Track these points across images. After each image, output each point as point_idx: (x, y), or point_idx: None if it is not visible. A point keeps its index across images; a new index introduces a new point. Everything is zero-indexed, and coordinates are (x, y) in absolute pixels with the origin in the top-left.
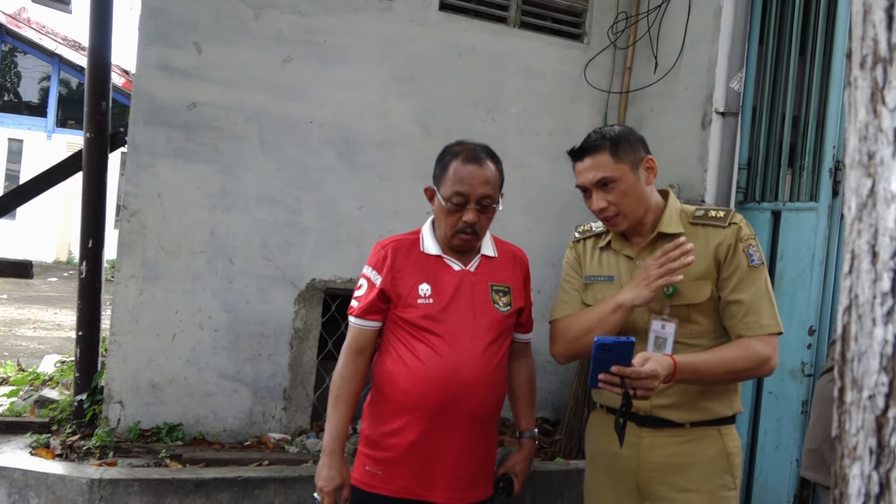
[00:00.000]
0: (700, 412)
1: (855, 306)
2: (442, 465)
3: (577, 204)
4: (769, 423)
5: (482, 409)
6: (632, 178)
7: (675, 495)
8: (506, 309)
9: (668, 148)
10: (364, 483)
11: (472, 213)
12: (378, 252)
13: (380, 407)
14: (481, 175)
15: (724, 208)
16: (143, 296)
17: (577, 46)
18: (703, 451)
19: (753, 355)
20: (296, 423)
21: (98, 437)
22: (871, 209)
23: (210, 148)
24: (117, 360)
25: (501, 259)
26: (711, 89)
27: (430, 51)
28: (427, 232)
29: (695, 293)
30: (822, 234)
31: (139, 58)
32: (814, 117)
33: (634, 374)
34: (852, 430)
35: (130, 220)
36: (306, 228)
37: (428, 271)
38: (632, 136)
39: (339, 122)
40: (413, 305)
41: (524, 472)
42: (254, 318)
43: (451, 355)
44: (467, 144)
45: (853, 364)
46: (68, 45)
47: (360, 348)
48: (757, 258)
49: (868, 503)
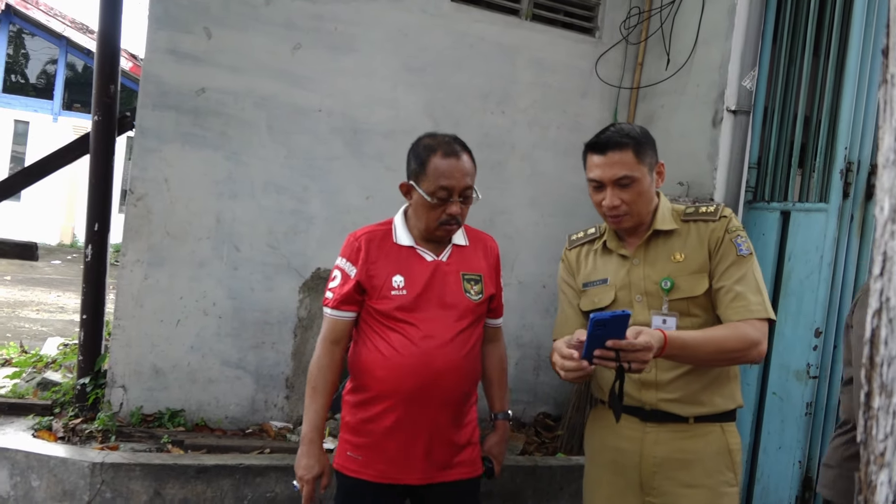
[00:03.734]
0: (703, 406)
1: (886, 310)
2: (417, 449)
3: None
4: (772, 425)
5: (455, 394)
6: (648, 180)
7: (678, 490)
8: (477, 297)
9: (678, 145)
10: (346, 468)
11: (457, 206)
12: (352, 244)
13: (357, 395)
14: (462, 168)
15: (714, 203)
16: (148, 280)
17: (588, 41)
18: (705, 448)
19: (743, 337)
20: (297, 411)
21: (100, 420)
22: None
23: (218, 134)
24: (121, 344)
25: (472, 247)
26: (723, 87)
27: (441, 41)
28: (399, 223)
29: (693, 286)
30: (831, 236)
31: (148, 41)
32: (826, 118)
33: (629, 346)
34: (880, 435)
35: (137, 205)
36: (312, 217)
37: (401, 262)
38: (650, 139)
39: (348, 111)
40: (387, 297)
41: (501, 452)
42: (258, 306)
43: (424, 343)
44: (440, 137)
45: (882, 368)
46: (76, 28)
47: (335, 339)
48: (745, 248)
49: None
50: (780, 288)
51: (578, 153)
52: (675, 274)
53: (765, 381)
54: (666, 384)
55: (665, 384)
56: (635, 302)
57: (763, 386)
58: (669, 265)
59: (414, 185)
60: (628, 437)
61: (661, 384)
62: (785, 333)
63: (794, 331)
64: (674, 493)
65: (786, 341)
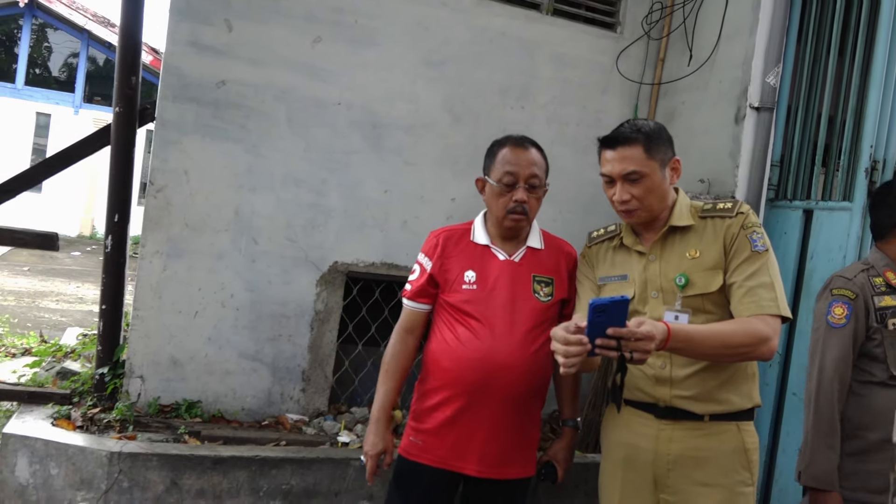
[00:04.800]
0: (719, 404)
1: None
2: (475, 440)
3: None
4: (792, 425)
5: (515, 391)
6: (659, 175)
7: (693, 488)
8: (546, 299)
9: (700, 142)
10: (407, 452)
11: (522, 192)
12: (431, 240)
13: (424, 384)
14: (528, 157)
15: (732, 200)
16: (167, 272)
17: (610, 36)
18: (721, 446)
19: (751, 332)
20: (314, 404)
21: (118, 410)
22: None
23: (238, 126)
24: (139, 334)
25: (548, 251)
26: (747, 83)
27: (462, 35)
28: (479, 223)
29: (708, 282)
30: (854, 235)
31: (169, 33)
32: (851, 117)
33: (630, 333)
34: None
35: (157, 196)
36: (331, 210)
37: (475, 259)
38: (664, 134)
39: (368, 104)
40: (458, 291)
41: (566, 458)
42: (275, 299)
43: (488, 338)
44: (513, 135)
45: None
46: (97, 22)
47: (409, 328)
48: (761, 244)
49: None
50: (802, 287)
51: (597, 151)
52: (690, 270)
53: (784, 381)
54: (681, 381)
55: (680, 381)
56: (651, 298)
57: (783, 386)
58: (685, 261)
59: (485, 176)
60: (643, 434)
61: (675, 381)
62: (805, 333)
63: None
64: (688, 491)
65: (805, 341)
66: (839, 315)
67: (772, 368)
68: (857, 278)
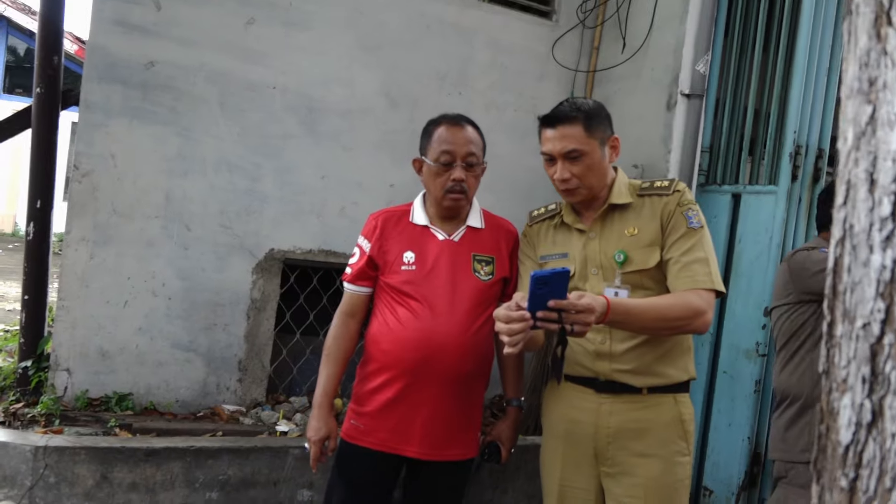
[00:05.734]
0: (657, 377)
1: (849, 237)
2: (417, 422)
3: (542, 182)
4: (723, 402)
5: (456, 371)
6: (599, 154)
7: (632, 459)
8: (487, 278)
9: (633, 129)
10: (348, 435)
11: (460, 171)
12: (370, 222)
13: (365, 367)
14: (464, 135)
15: (669, 179)
16: (94, 260)
17: (545, 24)
18: (658, 417)
19: (687, 306)
20: (251, 395)
21: (44, 404)
22: (870, 136)
23: (168, 109)
24: (65, 326)
25: (488, 230)
26: (678, 71)
27: (398, 21)
28: (418, 204)
29: (645, 259)
30: (780, 218)
31: (94, 11)
32: (776, 104)
33: (571, 305)
34: (842, 362)
35: (82, 182)
36: (266, 197)
37: (414, 240)
38: (603, 113)
39: (303, 88)
40: (397, 272)
41: (510, 438)
42: (210, 287)
43: (428, 319)
44: (448, 114)
45: (845, 296)
46: (17, 8)
47: (350, 311)
48: (696, 221)
49: (859, 432)
50: (731, 269)
51: (534, 137)
52: (628, 247)
53: (716, 360)
54: (620, 355)
55: (619, 355)
56: (591, 275)
57: (714, 365)
58: (624, 239)
59: (422, 157)
60: (583, 409)
61: (615, 355)
62: (735, 313)
63: (744, 310)
64: (628, 462)
65: (736, 320)
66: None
67: (703, 348)
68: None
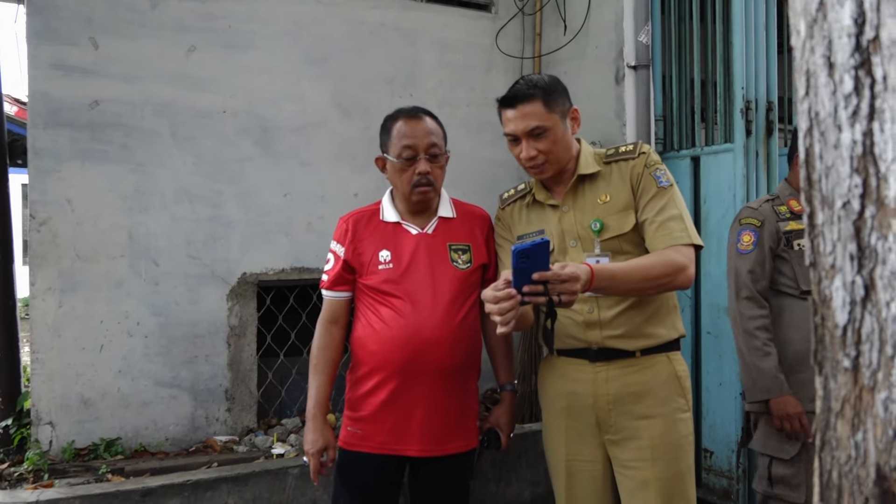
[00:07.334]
0: (648, 338)
1: (816, 124)
2: (413, 420)
3: (502, 173)
4: (711, 363)
5: (446, 364)
6: (561, 127)
7: (635, 423)
8: (465, 266)
9: (586, 108)
10: (347, 443)
11: (424, 163)
12: (340, 226)
13: (356, 372)
14: (424, 127)
15: (632, 143)
16: (64, 308)
17: (486, 17)
18: (655, 377)
19: (668, 262)
20: (242, 422)
21: (30, 460)
22: (821, 22)
23: (119, 146)
24: (42, 378)
25: (461, 219)
26: (621, 45)
27: (340, 30)
28: (386, 201)
29: (621, 224)
30: (740, 173)
31: (30, 58)
32: (721, 65)
33: (555, 276)
34: (827, 248)
35: (40, 230)
36: (231, 222)
37: (387, 238)
38: (560, 86)
39: (253, 109)
40: (375, 272)
41: (508, 423)
42: (185, 320)
43: (411, 315)
44: (404, 108)
45: (821, 184)
46: None
47: (332, 318)
48: (665, 180)
49: (854, 310)
50: (700, 230)
51: (490, 129)
52: (603, 215)
53: (698, 322)
54: (609, 321)
55: (608, 322)
56: (570, 248)
57: (697, 327)
58: (598, 207)
59: (384, 154)
60: (580, 380)
61: (604, 322)
62: (711, 273)
63: (719, 269)
64: (631, 426)
65: (712, 280)
66: (747, 242)
67: (685, 312)
68: (762, 208)
